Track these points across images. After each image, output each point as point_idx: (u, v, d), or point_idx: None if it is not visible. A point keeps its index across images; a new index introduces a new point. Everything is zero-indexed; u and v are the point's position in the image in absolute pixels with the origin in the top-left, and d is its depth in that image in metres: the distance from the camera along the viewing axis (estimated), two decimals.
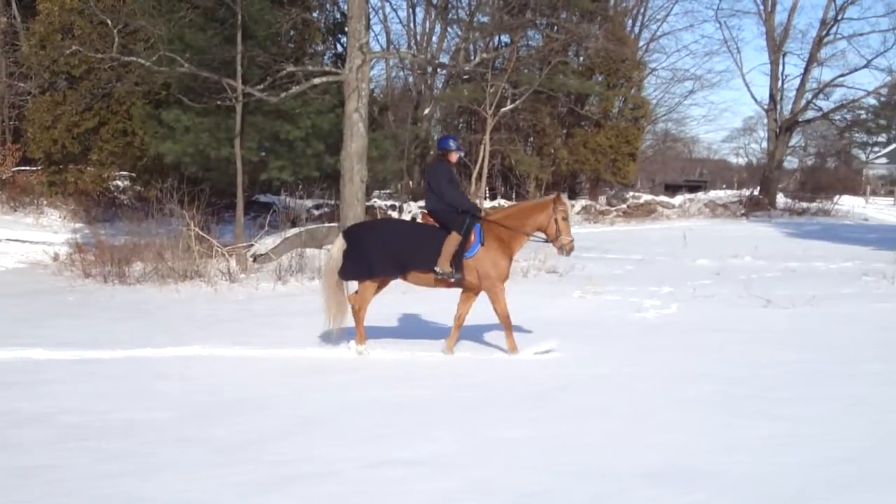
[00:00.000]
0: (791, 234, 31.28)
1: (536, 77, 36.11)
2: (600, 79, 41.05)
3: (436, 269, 10.43)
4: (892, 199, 65.70)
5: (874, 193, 68.95)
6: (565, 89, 39.06)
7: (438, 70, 40.28)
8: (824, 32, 45.51)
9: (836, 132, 67.66)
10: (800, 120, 48.01)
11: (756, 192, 44.85)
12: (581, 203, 39.29)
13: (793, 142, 61.54)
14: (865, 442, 6.75)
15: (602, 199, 40.03)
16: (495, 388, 8.77)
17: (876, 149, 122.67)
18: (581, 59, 41.89)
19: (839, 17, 45.38)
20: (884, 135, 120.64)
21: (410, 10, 41.53)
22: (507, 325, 10.73)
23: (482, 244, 10.59)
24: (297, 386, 9.01)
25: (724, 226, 35.88)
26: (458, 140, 11.36)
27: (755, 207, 41.76)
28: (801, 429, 7.15)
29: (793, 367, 9.82)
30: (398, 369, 9.80)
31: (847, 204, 46.61)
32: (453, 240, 10.43)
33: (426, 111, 39.30)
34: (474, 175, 35.54)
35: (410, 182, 39.02)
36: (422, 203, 32.03)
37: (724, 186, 58.58)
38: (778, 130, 46.06)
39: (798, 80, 46.67)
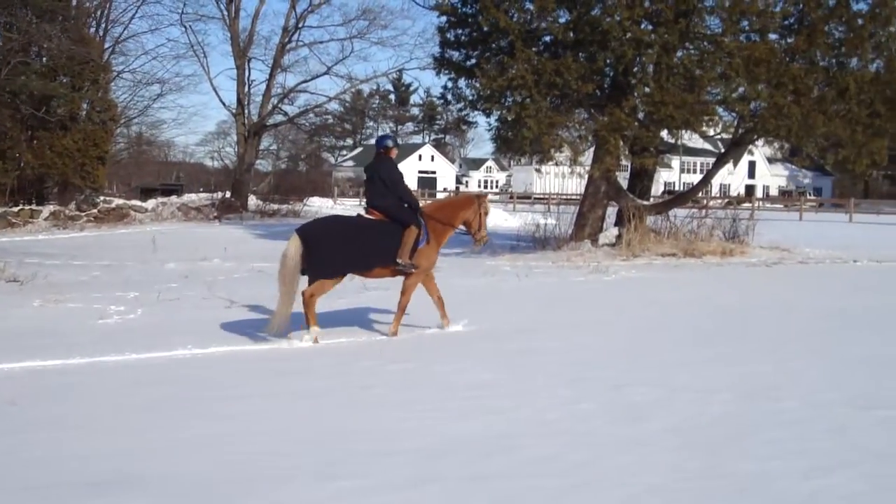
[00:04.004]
0: (261, 236, 32.34)
1: None
2: (65, 80, 39.73)
3: (398, 261, 11.10)
4: (359, 200, 70.33)
5: (342, 195, 73.61)
6: (27, 90, 37.37)
7: None
8: (287, 40, 47.50)
9: (305, 136, 71.14)
10: (267, 124, 49.73)
11: (228, 195, 45.75)
12: (49, 209, 37.77)
13: (263, 145, 63.83)
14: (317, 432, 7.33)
15: (72, 204, 38.70)
16: None
17: (344, 152, 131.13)
18: (44, 59, 40.25)
19: (300, 26, 47.62)
20: (350, 139, 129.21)
21: None
22: (402, 311, 11.57)
23: (427, 238, 11.42)
24: None
25: (196, 229, 35.95)
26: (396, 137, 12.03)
27: (227, 210, 42.58)
28: (250, 426, 7.58)
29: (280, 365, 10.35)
30: None
31: (316, 205, 49.31)
32: (412, 233, 11.17)
33: None
34: None
35: None
36: None
37: (201, 189, 59.07)
38: (247, 134, 47.33)
39: (264, 86, 48.38)
